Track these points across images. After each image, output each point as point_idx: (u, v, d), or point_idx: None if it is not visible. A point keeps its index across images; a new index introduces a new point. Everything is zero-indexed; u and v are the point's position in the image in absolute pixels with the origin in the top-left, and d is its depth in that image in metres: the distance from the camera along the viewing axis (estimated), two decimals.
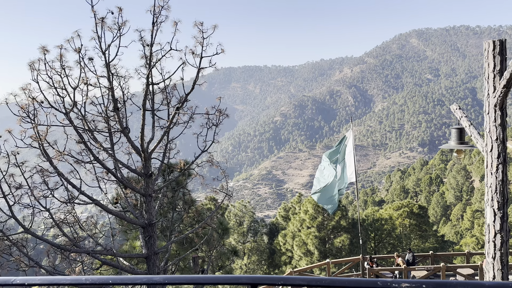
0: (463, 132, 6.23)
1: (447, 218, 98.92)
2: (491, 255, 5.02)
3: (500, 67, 4.93)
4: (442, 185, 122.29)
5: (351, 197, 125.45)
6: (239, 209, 35.85)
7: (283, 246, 34.06)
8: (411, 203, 40.28)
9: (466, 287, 1.02)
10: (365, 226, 36.83)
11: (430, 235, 39.72)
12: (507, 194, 5.07)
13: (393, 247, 35.86)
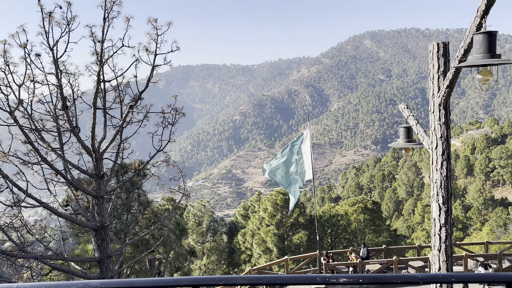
0: (410, 130, 6.51)
1: (399, 213, 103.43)
2: (437, 247, 5.29)
3: (444, 68, 5.19)
4: (394, 181, 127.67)
5: (309, 194, 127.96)
6: (198, 209, 35.51)
7: (242, 244, 34.12)
8: (365, 199, 41.65)
9: (400, 279, 1.06)
10: (322, 222, 37.66)
11: (384, 229, 41.28)
12: (451, 189, 5.34)
13: (349, 242, 36.94)
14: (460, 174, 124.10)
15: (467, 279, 0.93)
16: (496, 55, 3.83)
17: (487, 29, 3.89)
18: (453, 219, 24.61)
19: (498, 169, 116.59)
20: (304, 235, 32.55)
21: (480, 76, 4.00)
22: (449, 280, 0.87)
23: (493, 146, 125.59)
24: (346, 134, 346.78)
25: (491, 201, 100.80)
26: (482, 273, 0.97)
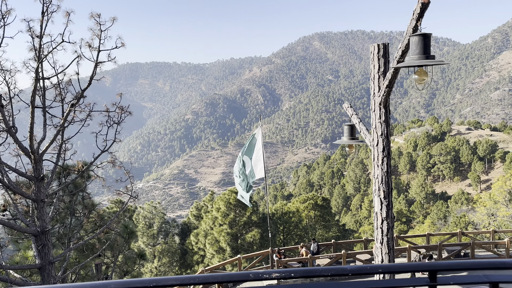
0: (354, 128, 6.76)
1: (347, 208, 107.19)
2: (379, 240, 5.54)
3: (384, 69, 5.43)
4: (343, 177, 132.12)
5: (262, 192, 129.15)
6: (149, 210, 34.64)
7: (195, 245, 33.75)
8: (315, 196, 42.69)
9: (330, 271, 1.08)
10: (274, 220, 38.14)
11: (333, 224, 42.56)
12: (391, 184, 5.61)
13: (300, 238, 37.71)
14: (404, 170, 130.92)
15: (393, 269, 0.97)
16: (430, 56, 4.08)
17: (422, 32, 4.13)
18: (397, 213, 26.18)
19: (438, 165, 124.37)
20: (257, 233, 32.79)
21: (416, 76, 4.24)
22: (376, 271, 0.91)
23: (433, 143, 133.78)
24: (297, 133, 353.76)
25: (432, 195, 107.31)
26: (406, 263, 1.01)
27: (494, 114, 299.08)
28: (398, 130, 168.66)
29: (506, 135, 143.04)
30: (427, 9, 4.00)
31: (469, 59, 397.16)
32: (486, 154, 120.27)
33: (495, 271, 1.00)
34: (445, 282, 0.88)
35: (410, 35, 4.22)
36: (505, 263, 0.90)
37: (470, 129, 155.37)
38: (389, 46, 5.58)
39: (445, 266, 0.90)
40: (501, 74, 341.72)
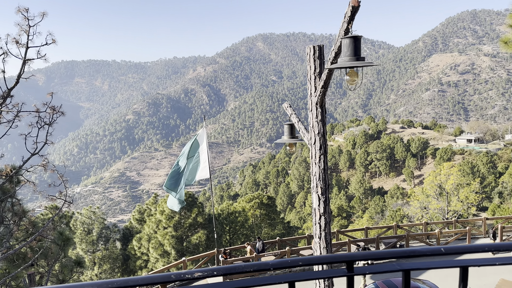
0: (293, 127, 6.95)
1: (292, 205, 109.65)
2: (318, 235, 5.73)
3: (319, 70, 5.64)
4: (287, 176, 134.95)
5: (208, 193, 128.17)
6: (87, 216, 33.04)
7: (138, 250, 32.72)
8: (261, 195, 43.19)
9: (252, 267, 1.09)
10: (220, 220, 38.05)
11: (278, 222, 43.34)
12: (328, 181, 5.83)
13: (246, 237, 37.96)
14: (344, 167, 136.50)
15: (312, 262, 0.99)
16: (361, 58, 4.31)
17: (353, 34, 4.35)
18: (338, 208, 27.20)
19: (375, 162, 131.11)
20: (203, 235, 32.50)
21: (348, 77, 4.46)
22: (297, 264, 0.93)
23: (371, 141, 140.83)
24: (243, 133, 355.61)
25: (370, 190, 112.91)
26: (324, 255, 1.04)
27: (425, 113, 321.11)
28: (338, 129, 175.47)
29: (436, 133, 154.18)
30: (357, 12, 4.22)
31: (402, 61, 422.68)
32: (418, 151, 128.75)
33: (407, 260, 1.12)
34: (362, 271, 0.91)
35: (342, 37, 4.42)
36: (415, 251, 0.96)
37: (404, 128, 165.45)
38: (324, 48, 5.80)
39: (360, 257, 0.95)
40: (431, 76, 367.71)
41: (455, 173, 49.82)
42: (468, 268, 0.97)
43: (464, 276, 0.99)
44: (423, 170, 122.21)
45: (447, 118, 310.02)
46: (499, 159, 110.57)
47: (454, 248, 1.00)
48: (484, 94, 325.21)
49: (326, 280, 5.62)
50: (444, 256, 0.92)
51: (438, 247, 0.98)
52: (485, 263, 0.98)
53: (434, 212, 49.41)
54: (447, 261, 0.95)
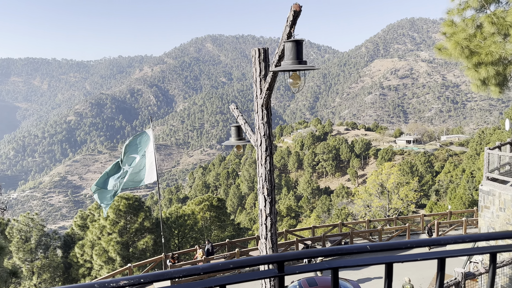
0: (240, 129, 6.99)
1: (242, 207, 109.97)
2: (264, 236, 5.81)
3: (265, 72, 5.72)
4: (238, 177, 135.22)
5: (156, 197, 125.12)
6: (25, 223, 30.98)
7: (81, 257, 31.21)
8: (211, 197, 42.87)
9: (182, 273, 1.08)
10: (169, 224, 37.26)
11: (228, 224, 43.25)
12: (274, 182, 5.92)
13: (196, 241, 37.50)
14: (292, 168, 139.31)
15: (243, 264, 0.99)
16: (303, 61, 4.44)
17: (295, 38, 4.47)
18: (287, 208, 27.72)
19: (322, 162, 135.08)
20: (150, 240, 31.66)
21: (291, 80, 4.57)
22: (228, 267, 0.93)
23: (318, 143, 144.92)
24: (192, 135, 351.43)
25: (318, 190, 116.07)
26: (255, 257, 1.04)
27: (368, 116, 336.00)
28: (287, 131, 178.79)
29: (378, 134, 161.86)
30: (299, 16, 4.34)
31: (346, 66, 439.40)
32: (362, 151, 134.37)
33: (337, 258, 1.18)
34: (292, 271, 0.93)
35: (285, 41, 4.53)
36: (342, 249, 0.98)
37: (348, 130, 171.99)
38: (269, 51, 5.89)
39: (290, 256, 0.96)
40: (373, 80, 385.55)
41: (395, 173, 52.56)
42: (392, 264, 0.99)
43: (389, 272, 1.02)
44: (366, 170, 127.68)
45: (388, 120, 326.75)
46: (435, 159, 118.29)
47: (379, 245, 1.04)
48: (421, 97, 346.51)
49: (272, 280, 5.71)
50: (371, 253, 0.96)
51: (364, 245, 1.04)
52: (408, 259, 1.03)
53: (376, 210, 51.79)
54: (373, 258, 0.99)
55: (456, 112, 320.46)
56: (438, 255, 1.03)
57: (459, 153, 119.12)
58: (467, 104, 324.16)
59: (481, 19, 14.79)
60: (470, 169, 76.67)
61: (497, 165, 15.46)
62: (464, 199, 55.19)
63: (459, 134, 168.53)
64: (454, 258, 18.84)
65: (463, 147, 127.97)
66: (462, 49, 14.40)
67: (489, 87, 16.49)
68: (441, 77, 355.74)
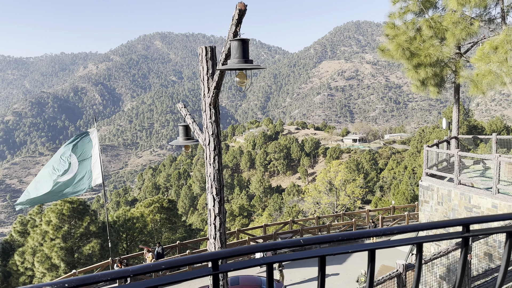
0: (188, 129, 6.87)
1: (194, 208, 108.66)
2: (213, 236, 5.75)
3: (212, 71, 5.66)
4: (190, 178, 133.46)
5: (103, 200, 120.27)
6: None
7: (21, 265, 29.31)
8: (161, 198, 41.93)
9: (110, 276, 1.08)
10: (116, 228, 35.98)
11: (180, 226, 42.54)
12: (223, 181, 5.88)
13: (146, 244, 36.53)
14: (245, 167, 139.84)
15: (176, 264, 0.99)
16: (249, 60, 4.44)
17: (241, 37, 4.46)
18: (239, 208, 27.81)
19: (273, 161, 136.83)
20: (97, 244, 30.39)
21: (238, 79, 4.56)
22: (160, 268, 0.93)
23: (269, 142, 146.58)
24: (141, 135, 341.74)
25: (269, 189, 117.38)
26: (189, 256, 1.04)
27: (317, 116, 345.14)
28: (239, 131, 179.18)
29: (326, 134, 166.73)
30: (244, 15, 4.34)
31: (296, 66, 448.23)
32: (311, 150, 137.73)
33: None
34: (227, 269, 0.94)
35: (231, 39, 4.50)
36: (277, 244, 1.00)
37: (299, 129, 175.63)
38: (217, 49, 5.83)
39: (224, 254, 0.97)
40: (322, 81, 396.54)
41: (342, 170, 54.41)
42: (325, 257, 1.02)
43: (322, 265, 1.05)
44: (315, 168, 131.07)
45: (336, 120, 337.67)
46: (379, 157, 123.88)
47: (311, 239, 1.06)
48: (366, 98, 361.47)
49: (222, 279, 5.66)
50: (304, 247, 0.97)
51: (297, 239, 1.04)
52: (339, 251, 1.06)
53: (325, 206, 53.34)
54: (307, 252, 1.01)
55: (399, 112, 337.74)
56: (368, 247, 1.07)
57: (401, 151, 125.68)
58: (408, 104, 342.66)
59: (420, 22, 15.68)
60: (412, 166, 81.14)
61: (435, 161, 16.44)
62: (406, 194, 58.30)
63: (401, 133, 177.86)
64: (397, 252, 19.84)
65: (405, 145, 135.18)
66: (403, 51, 15.19)
67: (428, 87, 17.53)
68: (384, 78, 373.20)
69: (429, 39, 15.09)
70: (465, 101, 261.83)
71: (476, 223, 1.13)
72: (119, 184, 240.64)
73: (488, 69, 13.09)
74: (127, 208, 45.07)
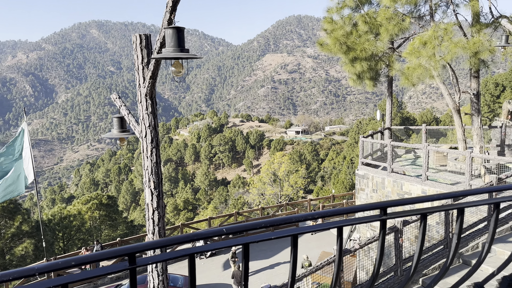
0: (124, 120, 6.58)
1: (136, 203, 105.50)
2: (151, 231, 5.59)
3: (147, 60, 5.45)
4: (131, 173, 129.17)
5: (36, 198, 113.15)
6: None
7: None
8: (100, 195, 40.26)
9: (13, 276, 1.04)
10: (51, 227, 34.05)
11: (120, 222, 41.13)
12: (161, 174, 5.72)
13: (84, 242, 34.95)
14: (189, 161, 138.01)
15: (89, 260, 0.96)
16: (185, 49, 4.31)
17: (176, 25, 4.31)
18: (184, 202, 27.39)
19: (218, 154, 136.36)
20: (30, 244, 28.61)
21: (173, 68, 4.42)
22: (69, 265, 0.90)
23: (214, 135, 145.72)
24: (77, 128, 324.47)
25: (215, 182, 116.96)
26: (104, 251, 1.00)
27: (261, 108, 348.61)
28: (183, 123, 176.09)
29: (271, 126, 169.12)
30: (179, 2, 4.20)
31: (240, 59, 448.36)
32: (256, 142, 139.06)
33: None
34: (145, 263, 0.94)
35: (165, 27, 4.34)
36: (198, 235, 1.00)
37: (243, 121, 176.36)
38: (151, 37, 5.62)
39: (141, 248, 0.96)
40: (265, 74, 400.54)
41: (286, 161, 55.58)
42: (249, 244, 1.03)
43: (246, 253, 1.07)
44: (260, 160, 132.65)
45: (279, 112, 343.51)
46: (320, 148, 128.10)
47: (233, 227, 1.05)
48: (308, 91, 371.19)
49: (160, 275, 5.53)
50: (228, 235, 0.96)
51: (220, 228, 1.03)
52: (263, 238, 1.08)
53: (270, 197, 54.25)
54: (231, 241, 1.02)
55: (338, 105, 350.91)
56: (290, 233, 1.10)
57: (341, 142, 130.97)
58: (347, 97, 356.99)
59: (357, 18, 16.29)
60: (350, 156, 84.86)
61: (370, 151, 17.28)
62: (346, 183, 60.92)
63: (341, 125, 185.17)
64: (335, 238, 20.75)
65: (344, 136, 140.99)
66: (341, 45, 15.71)
67: (364, 81, 18.32)
68: (325, 72, 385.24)
69: (365, 34, 15.73)
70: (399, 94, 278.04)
71: (391, 206, 1.19)
72: (54, 181, 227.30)
73: (418, 63, 13.93)
74: (63, 206, 42.72)
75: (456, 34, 14.40)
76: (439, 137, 19.99)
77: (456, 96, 15.36)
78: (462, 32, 14.70)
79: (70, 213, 36.39)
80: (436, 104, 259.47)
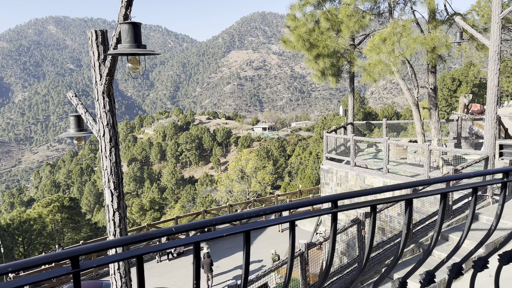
0: (81, 119, 6.35)
1: (100, 205, 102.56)
2: (112, 232, 5.44)
3: (103, 56, 5.27)
4: (94, 173, 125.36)
5: None
6: None
7: None
8: (61, 197, 38.86)
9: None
10: (10, 231, 32.54)
11: (84, 225, 39.91)
12: (121, 174, 5.57)
13: (46, 246, 33.66)
14: (155, 160, 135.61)
15: (24, 266, 0.94)
16: (142, 45, 4.20)
17: (132, 20, 4.20)
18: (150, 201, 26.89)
19: (185, 152, 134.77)
20: None
21: (130, 65, 4.30)
22: (6, 271, 0.88)
23: (180, 133, 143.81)
24: (36, 128, 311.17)
25: (182, 180, 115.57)
26: (46, 255, 0.98)
27: (227, 105, 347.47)
28: (147, 122, 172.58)
29: (237, 123, 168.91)
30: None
31: (205, 56, 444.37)
32: (223, 139, 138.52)
33: None
34: (89, 266, 0.94)
35: (121, 22, 4.22)
36: (146, 235, 0.98)
37: (210, 119, 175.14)
38: (108, 33, 5.44)
39: (85, 250, 0.94)
40: (231, 71, 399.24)
41: (253, 158, 55.72)
42: (200, 242, 1.04)
43: (197, 252, 1.07)
44: (228, 157, 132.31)
45: (246, 109, 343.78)
46: (287, 144, 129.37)
47: (183, 226, 1.04)
48: (274, 88, 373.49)
49: (123, 277, 5.40)
50: (177, 235, 0.93)
51: (169, 228, 1.01)
52: (213, 236, 1.07)
53: (238, 194, 54.26)
54: (182, 240, 1.01)
55: (303, 101, 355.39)
56: (244, 229, 1.10)
57: (307, 138, 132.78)
58: (312, 94, 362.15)
59: (319, 15, 16.50)
60: (316, 151, 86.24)
61: (334, 146, 17.61)
62: (312, 178, 61.86)
63: (306, 121, 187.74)
64: (305, 232, 21.00)
65: (310, 132, 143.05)
66: (304, 42, 15.87)
67: (327, 77, 18.61)
68: (290, 69, 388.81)
69: (327, 31, 15.97)
70: (361, 90, 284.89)
71: (342, 199, 1.20)
72: (13, 184, 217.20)
73: (379, 59, 14.30)
74: (22, 209, 40.90)
75: (414, 30, 14.90)
76: (400, 131, 20.67)
77: (414, 91, 15.90)
78: (420, 28, 15.22)
79: (30, 216, 34.91)
80: (397, 99, 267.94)
